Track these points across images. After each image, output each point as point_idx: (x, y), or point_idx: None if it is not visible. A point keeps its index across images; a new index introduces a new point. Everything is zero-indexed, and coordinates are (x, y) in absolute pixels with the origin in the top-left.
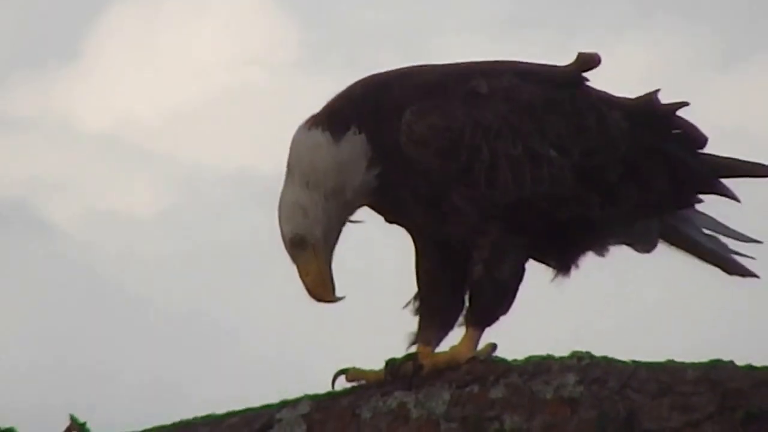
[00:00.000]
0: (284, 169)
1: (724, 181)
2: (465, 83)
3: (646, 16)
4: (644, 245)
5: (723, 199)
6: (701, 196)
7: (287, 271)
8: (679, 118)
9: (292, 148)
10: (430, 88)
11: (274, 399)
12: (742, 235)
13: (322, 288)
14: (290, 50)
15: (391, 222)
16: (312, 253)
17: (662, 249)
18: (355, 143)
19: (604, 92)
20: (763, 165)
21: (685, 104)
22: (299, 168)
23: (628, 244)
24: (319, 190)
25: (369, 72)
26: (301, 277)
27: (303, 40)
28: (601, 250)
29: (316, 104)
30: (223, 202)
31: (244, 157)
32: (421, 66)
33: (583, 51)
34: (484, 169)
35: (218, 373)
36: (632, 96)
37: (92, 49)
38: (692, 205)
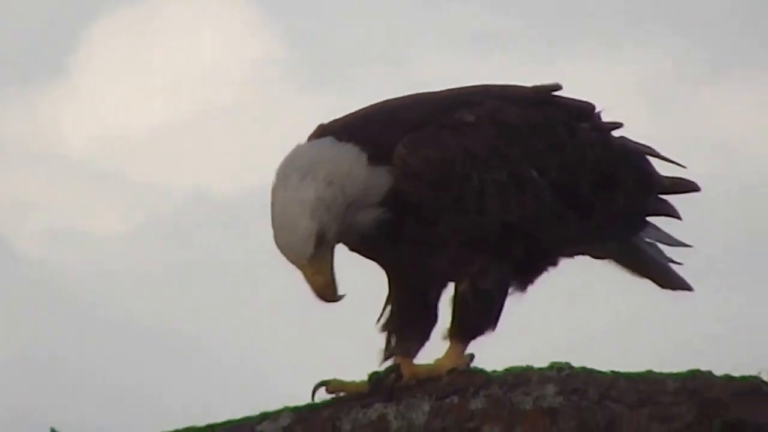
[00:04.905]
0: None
1: None
2: (451, 112)
3: (635, 27)
4: (601, 252)
5: None
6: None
7: (260, 286)
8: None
9: (310, 150)
10: (419, 120)
11: (247, 412)
12: (674, 239)
13: (331, 288)
14: (276, 68)
15: (356, 251)
16: (325, 254)
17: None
18: (381, 169)
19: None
20: (689, 180)
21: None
22: (323, 167)
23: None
24: (343, 192)
25: (353, 90)
26: (308, 276)
27: (288, 57)
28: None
29: (301, 121)
30: (196, 222)
31: (228, 177)
32: (404, 98)
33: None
34: (474, 197)
35: (191, 390)
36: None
37: (76, 67)
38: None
